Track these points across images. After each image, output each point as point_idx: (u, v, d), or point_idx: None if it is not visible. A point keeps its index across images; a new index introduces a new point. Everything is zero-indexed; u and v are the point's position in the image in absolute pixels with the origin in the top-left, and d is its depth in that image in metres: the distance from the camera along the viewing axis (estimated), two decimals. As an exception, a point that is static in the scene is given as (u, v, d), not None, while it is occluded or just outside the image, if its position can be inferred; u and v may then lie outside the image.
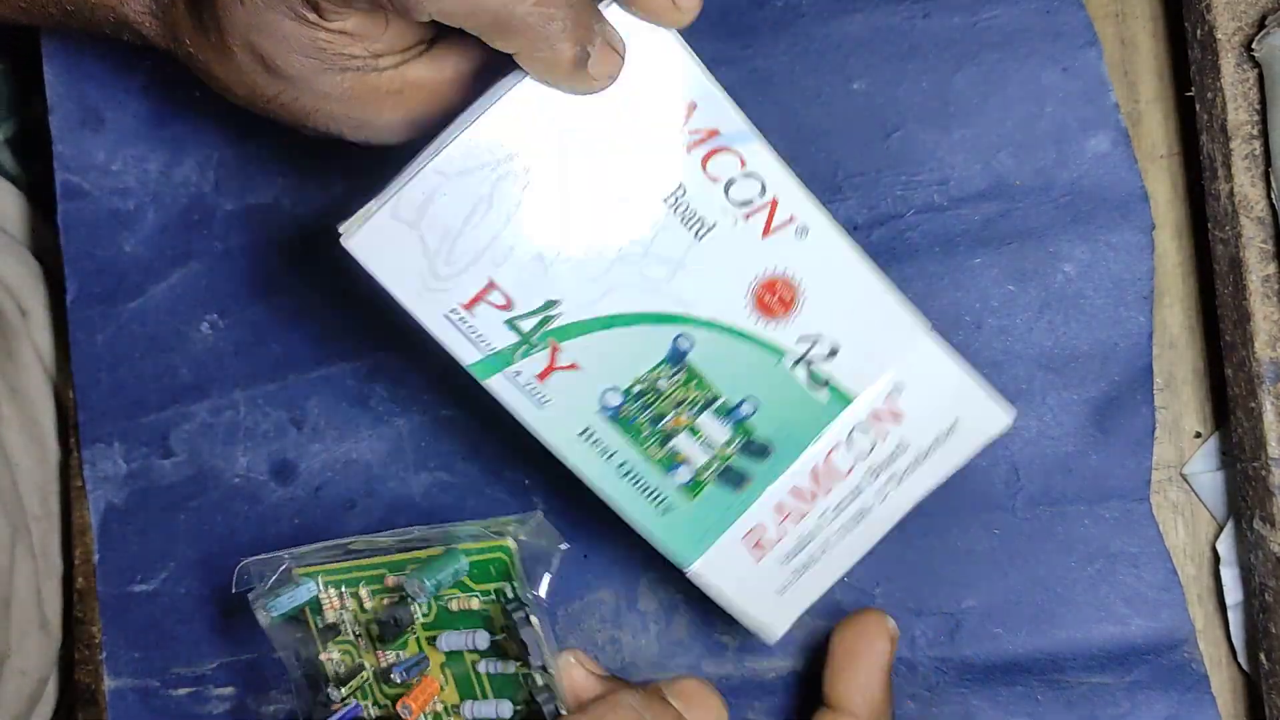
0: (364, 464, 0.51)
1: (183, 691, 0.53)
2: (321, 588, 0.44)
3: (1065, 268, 0.44)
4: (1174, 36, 0.45)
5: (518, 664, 0.40)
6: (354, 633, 0.44)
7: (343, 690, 0.44)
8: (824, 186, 0.46)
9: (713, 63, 0.47)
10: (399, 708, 0.41)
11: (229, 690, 0.52)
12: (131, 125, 0.53)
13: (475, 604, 0.41)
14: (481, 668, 0.41)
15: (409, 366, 0.50)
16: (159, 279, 0.53)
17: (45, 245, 0.60)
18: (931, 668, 0.45)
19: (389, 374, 0.51)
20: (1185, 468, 0.44)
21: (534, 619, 0.39)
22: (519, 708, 0.41)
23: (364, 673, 0.44)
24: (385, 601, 0.43)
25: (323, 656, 0.45)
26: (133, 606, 0.53)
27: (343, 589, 0.44)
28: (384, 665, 0.44)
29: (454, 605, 0.41)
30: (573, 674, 0.41)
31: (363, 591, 0.43)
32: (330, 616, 0.44)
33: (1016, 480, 0.44)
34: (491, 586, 0.40)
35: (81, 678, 0.54)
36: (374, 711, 0.44)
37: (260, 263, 0.52)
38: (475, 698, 0.42)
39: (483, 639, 0.41)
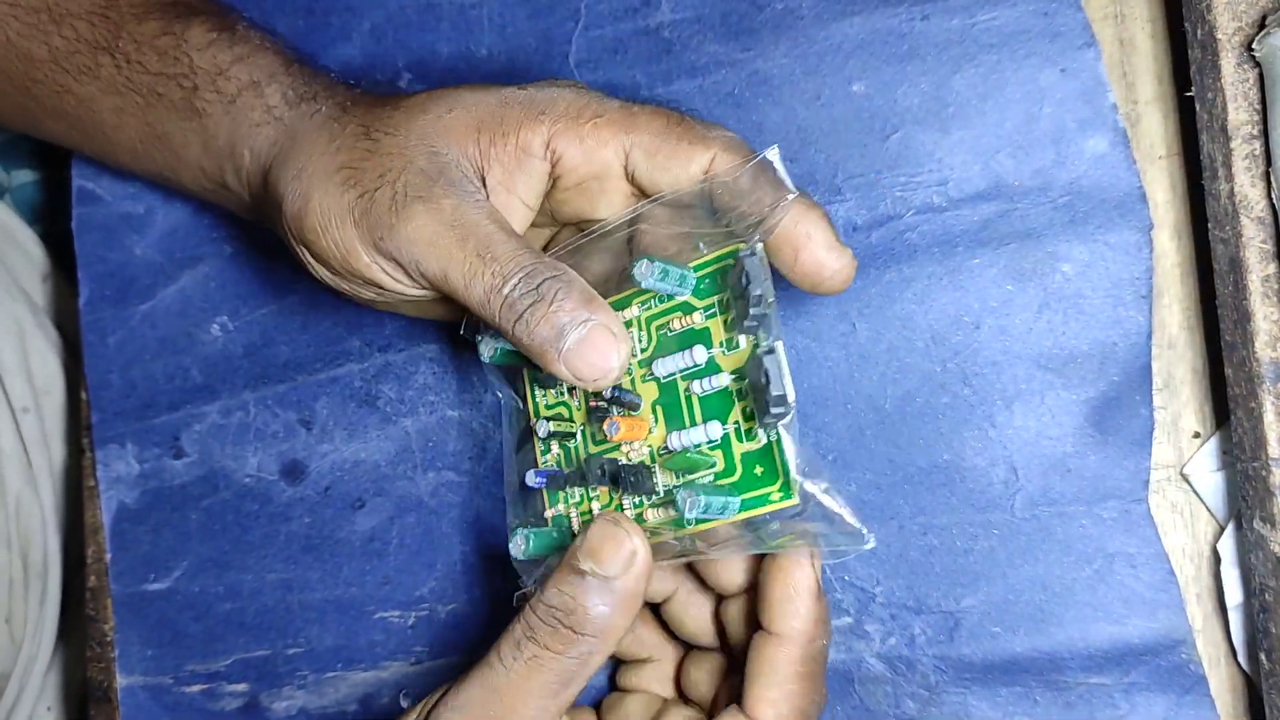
0: (372, 464, 0.51)
1: (195, 689, 0.53)
2: None
3: (1064, 268, 0.44)
4: (1173, 37, 0.44)
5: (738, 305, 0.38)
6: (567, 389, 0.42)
7: (550, 437, 0.42)
8: (824, 188, 0.46)
9: (713, 65, 0.47)
10: (605, 426, 0.38)
11: (242, 687, 0.53)
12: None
13: (697, 319, 0.39)
14: (696, 388, 0.39)
15: (416, 368, 0.51)
16: (170, 281, 0.53)
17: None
18: (930, 667, 0.45)
19: (396, 375, 0.51)
20: (1185, 468, 0.44)
21: (760, 257, 0.37)
22: (728, 427, 0.39)
23: (572, 429, 0.42)
24: None
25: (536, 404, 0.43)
26: (145, 605, 0.54)
27: None
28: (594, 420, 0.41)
29: (675, 324, 0.40)
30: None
31: None
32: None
33: (1015, 480, 0.44)
34: (716, 299, 0.39)
35: (95, 675, 0.54)
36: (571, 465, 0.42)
37: (270, 265, 0.53)
38: (683, 427, 0.39)
39: (700, 353, 0.39)
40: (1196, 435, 0.44)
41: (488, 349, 0.41)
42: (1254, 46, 0.40)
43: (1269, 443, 0.40)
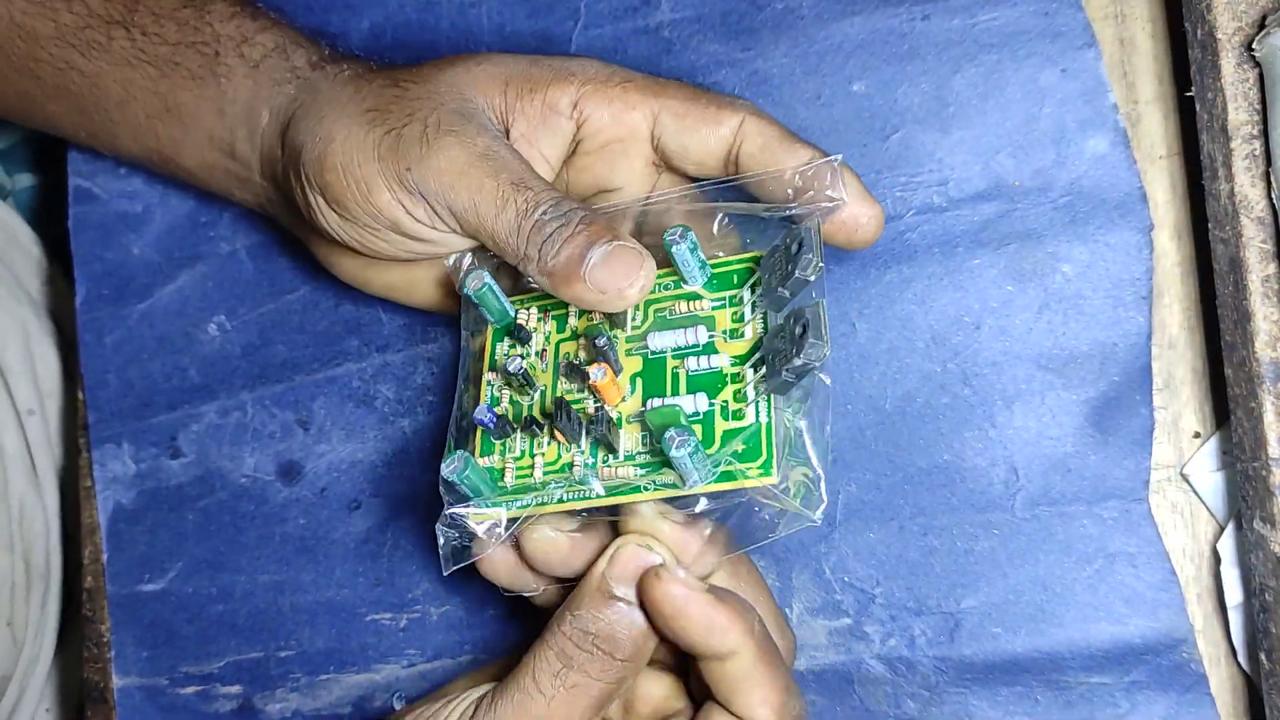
0: (369, 465, 0.51)
1: (190, 690, 0.53)
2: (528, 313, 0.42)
3: (1064, 268, 0.44)
4: (1173, 37, 0.45)
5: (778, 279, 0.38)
6: (540, 347, 0.42)
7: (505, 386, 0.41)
8: (824, 188, 0.46)
9: (714, 65, 0.47)
10: (592, 369, 0.37)
11: (236, 689, 0.53)
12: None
13: (704, 306, 0.39)
14: (689, 364, 0.39)
15: (414, 368, 0.51)
16: (167, 281, 0.53)
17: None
18: (931, 667, 0.45)
19: (395, 375, 0.51)
20: (1185, 468, 0.44)
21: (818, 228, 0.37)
22: (715, 403, 0.38)
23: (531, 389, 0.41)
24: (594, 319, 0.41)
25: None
26: (141, 606, 0.54)
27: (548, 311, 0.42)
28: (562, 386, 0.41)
29: (679, 309, 0.40)
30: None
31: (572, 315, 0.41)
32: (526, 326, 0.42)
33: (1016, 480, 0.44)
34: (727, 294, 0.39)
35: (90, 676, 0.54)
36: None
37: (267, 265, 0.52)
38: (664, 396, 0.39)
39: (702, 333, 0.39)
40: (1197, 435, 0.44)
41: (475, 282, 0.40)
42: (1254, 46, 0.40)
43: (1269, 443, 0.40)
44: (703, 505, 0.37)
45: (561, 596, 0.39)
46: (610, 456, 0.38)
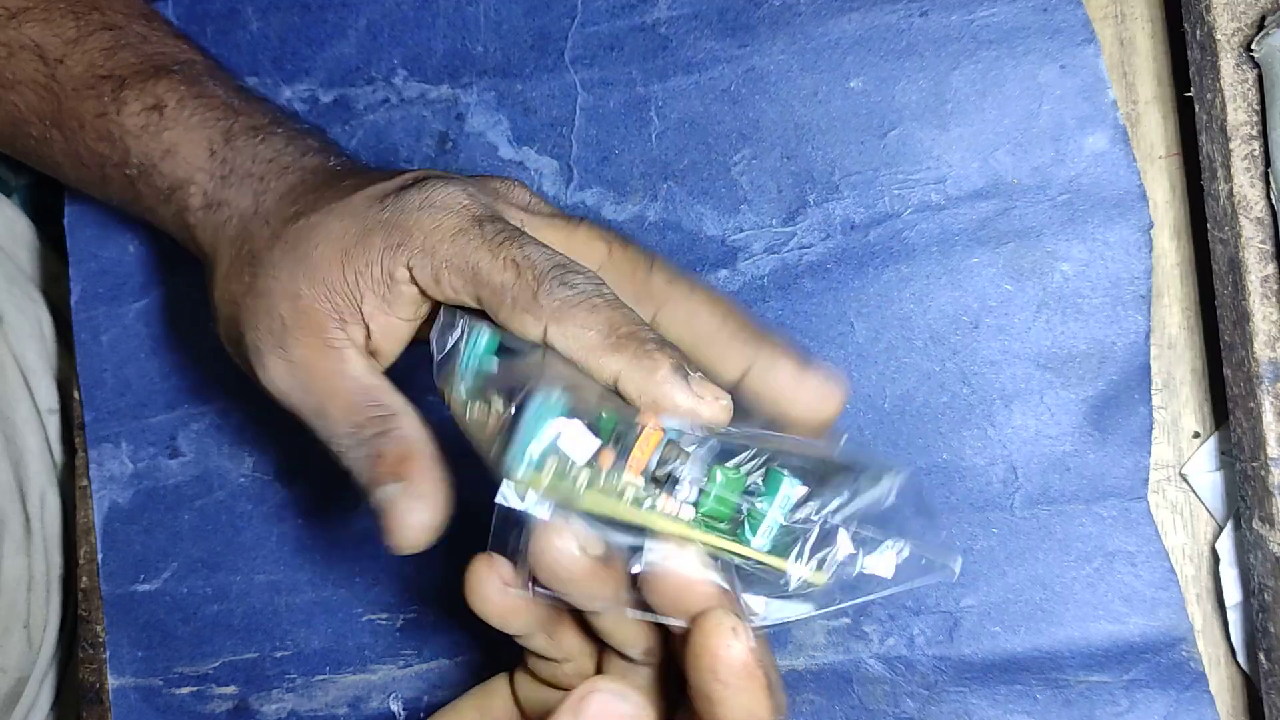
0: (367, 464, 0.51)
1: (185, 690, 0.53)
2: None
3: (1063, 267, 0.44)
4: (1173, 37, 0.45)
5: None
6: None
7: None
8: (821, 185, 0.46)
9: (710, 61, 0.47)
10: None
11: (231, 689, 0.52)
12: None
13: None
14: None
15: (413, 370, 0.50)
16: (164, 279, 0.53)
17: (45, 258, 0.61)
18: (930, 666, 0.45)
19: (394, 377, 0.51)
20: (1184, 467, 0.44)
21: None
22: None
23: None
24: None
25: None
26: (135, 606, 0.53)
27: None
28: None
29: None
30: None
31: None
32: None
33: (1015, 479, 0.44)
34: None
35: (86, 676, 0.54)
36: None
37: (264, 263, 0.52)
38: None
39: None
40: (1196, 435, 0.44)
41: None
42: (1253, 47, 0.40)
43: (1268, 443, 0.40)
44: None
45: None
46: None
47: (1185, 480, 0.44)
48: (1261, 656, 0.41)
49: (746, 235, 0.47)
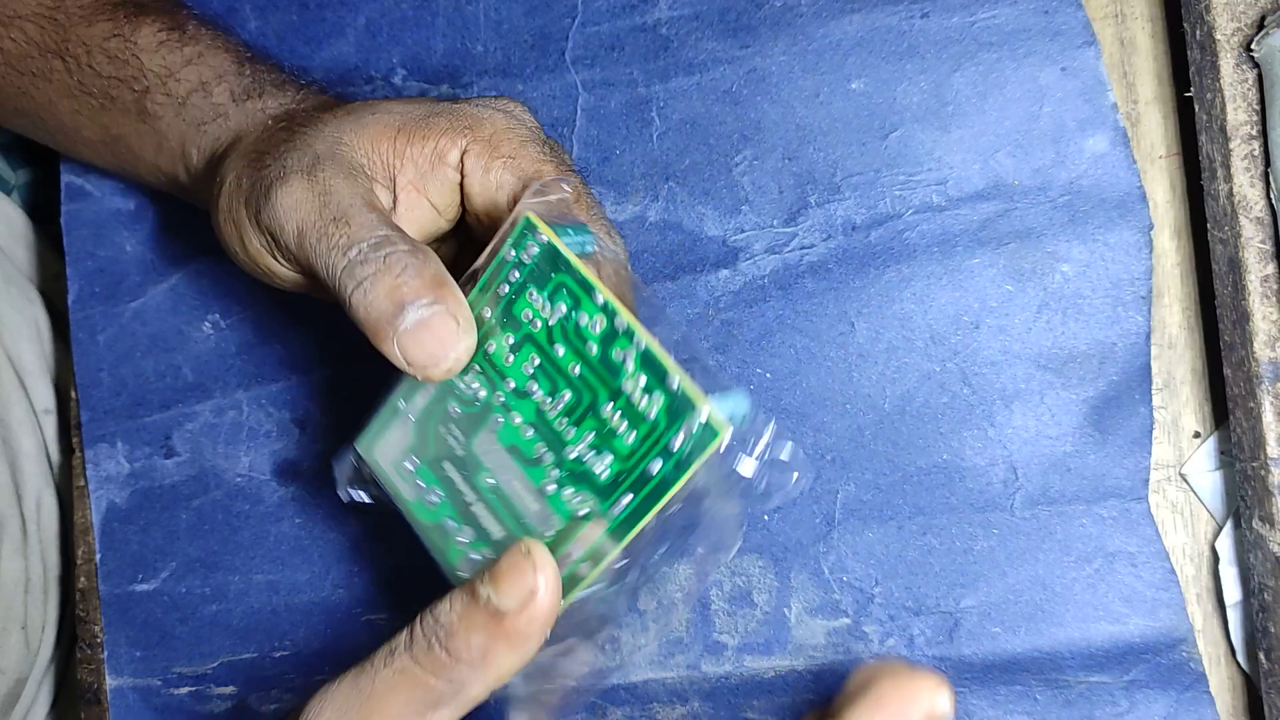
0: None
1: (184, 690, 0.53)
2: None
3: (1063, 268, 0.44)
4: (1173, 37, 0.45)
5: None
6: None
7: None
8: (823, 186, 0.46)
9: (711, 62, 0.47)
10: None
11: (230, 689, 0.52)
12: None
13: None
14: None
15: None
16: (161, 279, 0.53)
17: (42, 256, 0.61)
18: (930, 667, 0.45)
19: (391, 375, 0.51)
20: (1184, 467, 0.44)
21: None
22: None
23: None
24: None
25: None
26: (133, 606, 0.53)
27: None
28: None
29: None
30: None
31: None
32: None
33: (1015, 480, 0.44)
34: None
35: (84, 677, 0.54)
36: None
37: (262, 263, 0.52)
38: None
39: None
40: (1196, 435, 0.44)
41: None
42: (1253, 47, 0.40)
43: (1268, 442, 0.40)
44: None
45: None
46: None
47: (1185, 480, 0.44)
48: (1261, 656, 0.41)
49: (748, 235, 0.47)
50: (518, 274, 0.34)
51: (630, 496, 0.32)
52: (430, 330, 0.33)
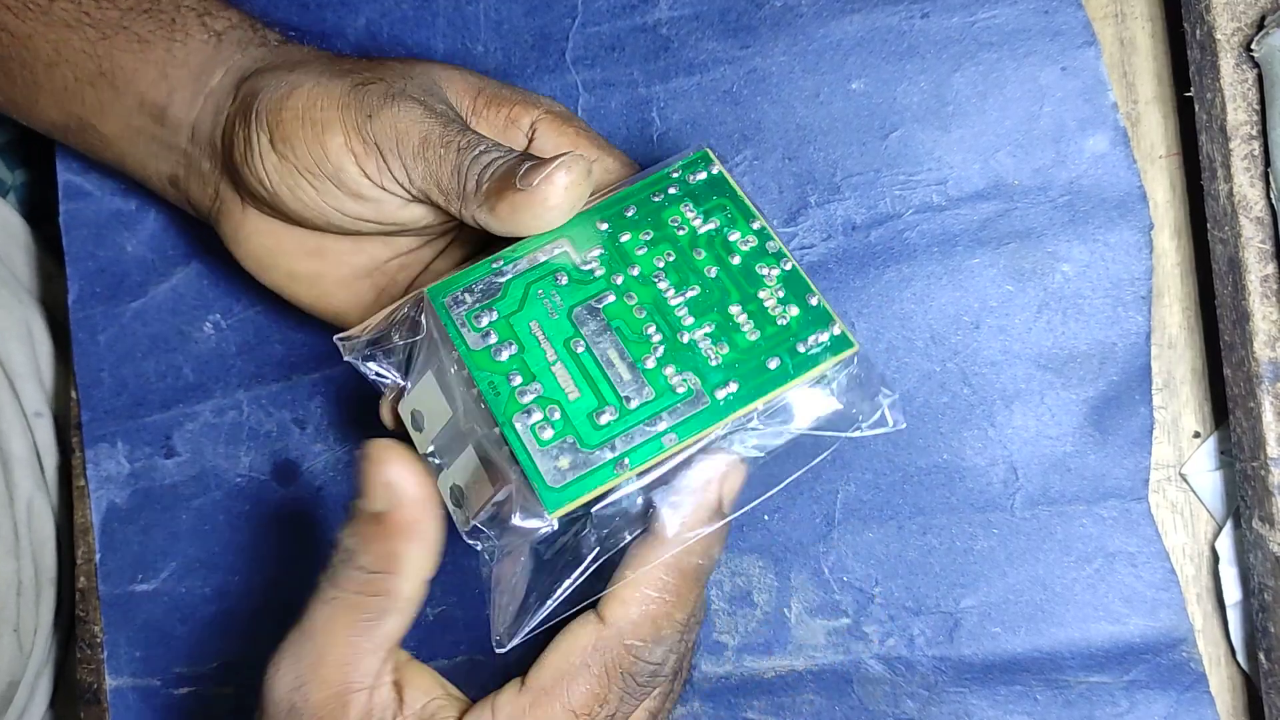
0: (365, 464, 0.51)
1: (184, 691, 0.53)
2: None
3: (1063, 267, 0.44)
4: (1173, 37, 0.45)
5: None
6: None
7: None
8: (823, 186, 0.46)
9: (712, 62, 0.47)
10: None
11: (229, 689, 0.52)
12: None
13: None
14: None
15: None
16: (161, 279, 0.53)
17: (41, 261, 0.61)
18: (930, 667, 0.45)
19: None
20: (1184, 467, 0.44)
21: None
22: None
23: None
24: None
25: None
26: (134, 606, 0.53)
27: None
28: None
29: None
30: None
31: None
32: None
33: (1015, 480, 0.44)
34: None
35: (84, 677, 0.54)
36: None
37: (262, 263, 0.52)
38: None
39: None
40: (1196, 435, 0.44)
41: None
42: (1253, 47, 0.40)
43: (1268, 442, 0.40)
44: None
45: None
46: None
47: (1185, 480, 0.44)
48: (1261, 656, 0.41)
49: (747, 236, 0.47)
50: (675, 189, 0.38)
51: (736, 385, 0.35)
52: (568, 170, 0.35)
